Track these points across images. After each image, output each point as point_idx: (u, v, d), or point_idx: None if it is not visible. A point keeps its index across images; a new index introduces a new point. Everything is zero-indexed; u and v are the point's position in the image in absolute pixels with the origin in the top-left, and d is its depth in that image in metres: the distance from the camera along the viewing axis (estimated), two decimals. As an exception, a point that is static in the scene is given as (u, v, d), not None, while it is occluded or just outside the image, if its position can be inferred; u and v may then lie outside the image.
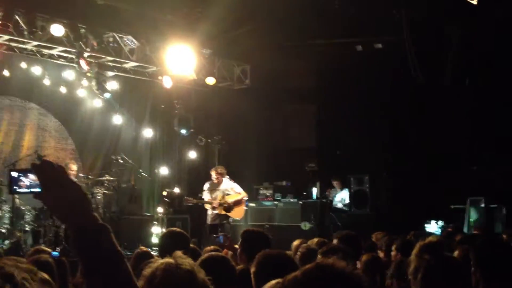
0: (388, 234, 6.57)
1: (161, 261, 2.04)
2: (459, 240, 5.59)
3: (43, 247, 6.41)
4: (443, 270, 2.40)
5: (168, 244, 4.59)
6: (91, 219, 1.69)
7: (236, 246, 5.84)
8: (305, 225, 11.43)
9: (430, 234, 6.67)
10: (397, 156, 12.87)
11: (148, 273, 2.03)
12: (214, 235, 10.18)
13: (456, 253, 4.19)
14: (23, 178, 1.92)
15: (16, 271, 1.46)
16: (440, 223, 11.02)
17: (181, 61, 11.52)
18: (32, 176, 1.89)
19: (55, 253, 4.53)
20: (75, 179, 9.14)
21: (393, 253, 5.45)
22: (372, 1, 10.96)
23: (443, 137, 12.04)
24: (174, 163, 14.29)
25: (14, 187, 1.92)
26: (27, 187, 1.91)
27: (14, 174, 1.91)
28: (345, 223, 11.26)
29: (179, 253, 2.11)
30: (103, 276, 1.64)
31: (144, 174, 12.17)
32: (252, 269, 3.22)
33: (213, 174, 10.75)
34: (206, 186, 10.83)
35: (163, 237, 4.87)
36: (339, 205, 12.77)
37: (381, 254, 5.84)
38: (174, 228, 5.08)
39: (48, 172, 1.70)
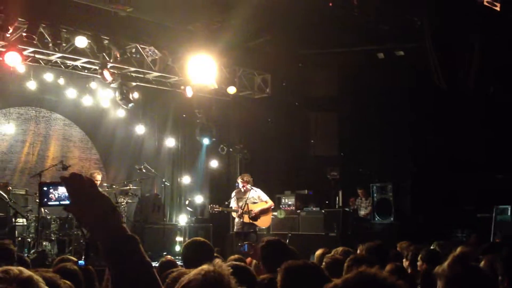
0: (413, 244, 6.50)
1: (200, 268, 2.06)
2: (485, 249, 5.51)
3: (68, 256, 6.48)
4: (472, 281, 2.38)
5: (191, 254, 4.58)
6: (120, 230, 1.73)
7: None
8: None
9: (456, 243, 6.58)
10: (421, 164, 12.74)
11: (187, 279, 2.05)
12: (239, 244, 10.19)
13: (482, 262, 4.13)
14: (53, 191, 1.95)
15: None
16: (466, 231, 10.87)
17: (202, 71, 11.59)
18: (61, 189, 1.91)
19: (81, 262, 4.56)
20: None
21: (419, 263, 5.39)
22: (393, 9, 10.91)
23: (468, 144, 11.89)
24: (196, 172, 14.36)
25: (45, 200, 1.95)
26: (57, 199, 1.94)
27: (45, 187, 1.94)
28: (369, 232, 11.18)
29: (218, 261, 2.13)
30: (132, 286, 1.66)
31: (166, 183, 12.24)
32: (279, 279, 3.20)
33: (240, 182, 10.74)
34: (233, 194, 10.85)
35: (187, 247, 4.84)
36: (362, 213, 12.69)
37: (406, 264, 5.77)
38: (198, 238, 5.06)
39: (77, 184, 1.74)
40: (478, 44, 11.11)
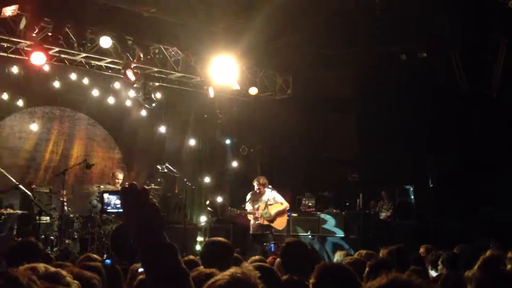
0: (435, 247, 6.46)
1: (229, 270, 2.10)
2: None
3: (90, 254, 6.56)
4: (503, 285, 2.36)
5: (211, 254, 4.60)
6: (160, 238, 1.81)
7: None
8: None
9: (478, 247, 6.51)
10: (443, 166, 12.61)
11: (215, 281, 2.08)
12: (265, 244, 10.27)
13: (509, 267, 4.11)
14: (112, 199, 2.11)
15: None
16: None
17: (224, 71, 11.65)
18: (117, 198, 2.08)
19: (108, 261, 4.64)
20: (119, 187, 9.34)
21: (439, 267, 5.36)
22: (416, 10, 10.84)
23: (490, 147, 11.75)
24: (217, 173, 14.41)
25: (105, 207, 2.11)
26: (115, 207, 2.11)
27: (106, 195, 2.10)
28: (390, 234, 11.11)
29: (247, 264, 2.19)
30: None
31: (188, 183, 12.33)
32: (312, 280, 3.23)
33: (255, 184, 10.80)
34: (248, 196, 10.89)
35: (206, 246, 4.86)
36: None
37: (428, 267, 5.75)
38: (217, 238, 5.08)
39: (130, 194, 1.85)
40: (502, 45, 10.98)
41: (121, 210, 1.98)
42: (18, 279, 1.76)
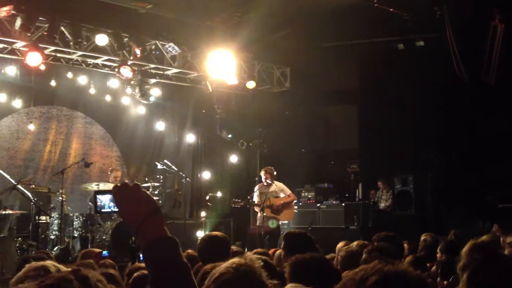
0: (434, 236, 6.44)
1: (231, 261, 2.08)
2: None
3: (91, 249, 6.54)
4: (494, 268, 2.31)
5: (208, 249, 4.58)
6: (161, 233, 1.78)
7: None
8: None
9: (477, 234, 6.50)
10: (442, 156, 12.59)
11: (219, 271, 2.06)
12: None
13: (506, 251, 4.09)
14: (106, 199, 2.12)
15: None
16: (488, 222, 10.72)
17: (221, 66, 11.61)
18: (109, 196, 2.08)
19: (105, 253, 4.64)
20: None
21: (438, 255, 5.35)
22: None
23: (489, 135, 11.72)
24: (216, 168, 14.40)
25: (99, 208, 2.14)
26: (109, 207, 2.11)
27: (99, 195, 2.14)
28: (390, 224, 11.08)
29: (250, 254, 2.17)
30: (169, 286, 1.72)
31: (187, 179, 12.32)
32: (287, 272, 3.23)
33: (262, 174, 10.71)
34: (256, 188, 10.83)
35: (203, 242, 4.83)
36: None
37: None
38: (214, 232, 5.06)
39: (122, 191, 1.84)
40: (499, 33, 10.92)
41: (116, 210, 1.95)
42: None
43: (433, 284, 4.08)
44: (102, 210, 2.14)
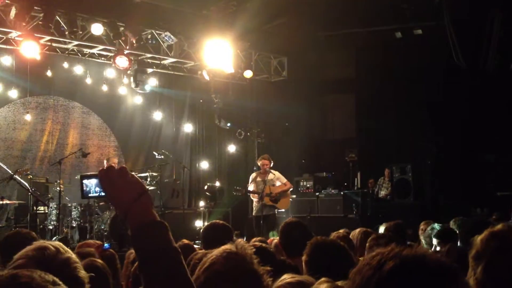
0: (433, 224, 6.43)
1: (222, 248, 2.04)
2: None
3: (90, 241, 6.51)
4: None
5: (211, 236, 4.59)
6: (149, 216, 1.71)
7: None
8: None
9: (476, 222, 6.49)
10: (440, 144, 12.59)
11: (209, 260, 2.03)
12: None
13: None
14: (93, 183, 2.00)
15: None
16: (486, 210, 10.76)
17: (218, 55, 11.55)
18: (96, 181, 1.97)
19: (106, 245, 4.60)
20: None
21: (434, 242, 5.33)
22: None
23: (487, 123, 11.72)
24: (214, 157, 14.38)
25: (86, 191, 2.00)
26: (97, 191, 1.99)
27: (85, 180, 1.98)
28: (389, 213, 11.09)
29: (241, 241, 2.12)
30: (159, 272, 1.64)
31: (185, 169, 12.29)
32: (304, 258, 3.20)
33: (262, 162, 10.63)
34: (253, 176, 10.74)
35: (206, 230, 4.87)
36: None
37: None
38: (217, 221, 5.07)
39: (108, 175, 1.75)
40: (498, 20, 10.88)
41: (102, 194, 1.88)
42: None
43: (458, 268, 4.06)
44: (89, 195, 1.99)
